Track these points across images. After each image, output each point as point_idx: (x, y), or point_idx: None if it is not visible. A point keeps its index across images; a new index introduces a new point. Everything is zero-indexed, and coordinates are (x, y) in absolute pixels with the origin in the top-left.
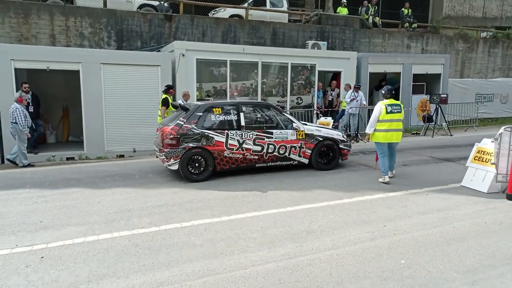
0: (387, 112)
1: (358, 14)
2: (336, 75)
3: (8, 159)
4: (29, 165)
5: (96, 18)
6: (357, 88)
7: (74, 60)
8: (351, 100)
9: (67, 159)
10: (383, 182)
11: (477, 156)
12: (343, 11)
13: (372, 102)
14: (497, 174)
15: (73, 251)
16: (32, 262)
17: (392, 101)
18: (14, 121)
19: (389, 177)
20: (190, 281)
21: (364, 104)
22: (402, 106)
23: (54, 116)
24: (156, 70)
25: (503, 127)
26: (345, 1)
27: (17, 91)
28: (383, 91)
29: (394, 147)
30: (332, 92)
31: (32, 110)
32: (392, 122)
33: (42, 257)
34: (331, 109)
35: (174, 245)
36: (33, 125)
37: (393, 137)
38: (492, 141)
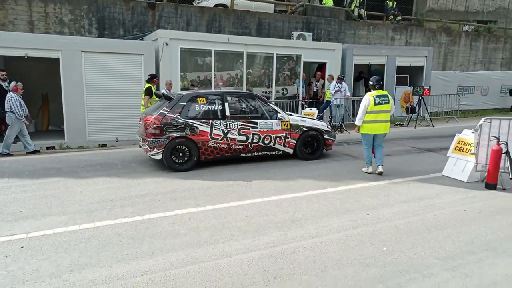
0: (375, 104)
1: (343, 6)
2: (321, 66)
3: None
4: (7, 154)
5: (77, 5)
6: (340, 79)
7: (53, 48)
8: (336, 92)
9: (47, 148)
10: (366, 172)
11: (457, 147)
12: (328, 2)
13: (354, 93)
14: (477, 164)
15: (54, 241)
16: (12, 252)
17: (379, 92)
18: (9, 110)
19: (378, 173)
20: (174, 270)
21: (348, 95)
22: (390, 97)
23: (33, 105)
24: (139, 59)
25: (483, 119)
26: None
27: None
28: (371, 82)
29: (381, 138)
30: (316, 83)
31: None
32: (379, 113)
33: (22, 247)
34: (316, 100)
35: (157, 234)
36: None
37: (380, 128)
38: (472, 132)
